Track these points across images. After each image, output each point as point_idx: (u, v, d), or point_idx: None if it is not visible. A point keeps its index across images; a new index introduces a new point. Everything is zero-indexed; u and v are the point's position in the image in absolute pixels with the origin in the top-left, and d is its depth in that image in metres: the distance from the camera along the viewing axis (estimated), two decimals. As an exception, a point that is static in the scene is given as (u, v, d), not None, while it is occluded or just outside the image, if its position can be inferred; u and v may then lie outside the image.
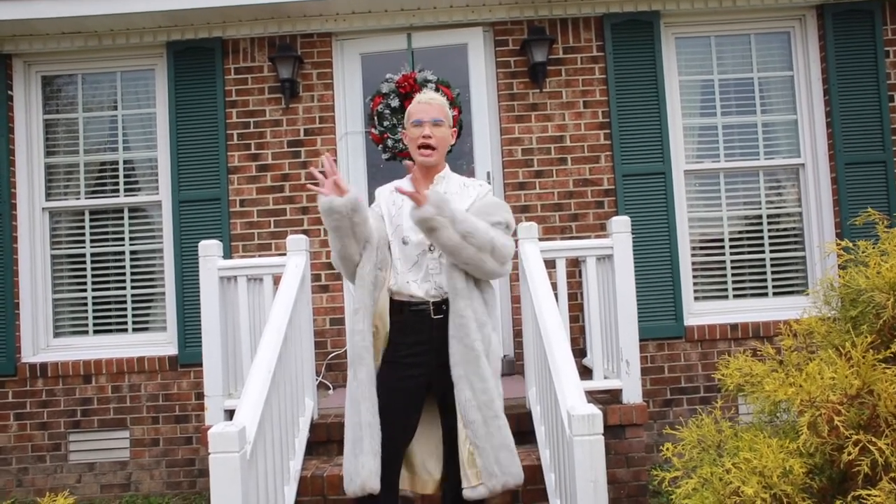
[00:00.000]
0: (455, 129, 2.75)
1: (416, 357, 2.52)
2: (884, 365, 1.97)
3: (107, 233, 4.99)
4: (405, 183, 2.51)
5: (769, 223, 4.91)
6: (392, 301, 2.60)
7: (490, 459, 2.41)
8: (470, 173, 4.83)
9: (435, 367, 2.53)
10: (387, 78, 4.82)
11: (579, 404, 2.36)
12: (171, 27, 4.84)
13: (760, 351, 2.68)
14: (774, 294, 4.86)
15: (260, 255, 4.75)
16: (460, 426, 2.46)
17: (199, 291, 3.76)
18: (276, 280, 3.66)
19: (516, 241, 3.57)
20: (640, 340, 3.77)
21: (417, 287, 2.54)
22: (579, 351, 4.49)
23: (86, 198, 4.99)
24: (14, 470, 4.73)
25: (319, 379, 4.59)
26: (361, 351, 2.47)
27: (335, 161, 4.82)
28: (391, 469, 2.49)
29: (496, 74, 4.86)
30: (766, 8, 4.86)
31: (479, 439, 2.42)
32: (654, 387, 4.65)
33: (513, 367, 4.66)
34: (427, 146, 2.57)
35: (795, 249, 4.90)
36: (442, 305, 2.54)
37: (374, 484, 2.37)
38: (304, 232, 4.75)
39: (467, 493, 2.44)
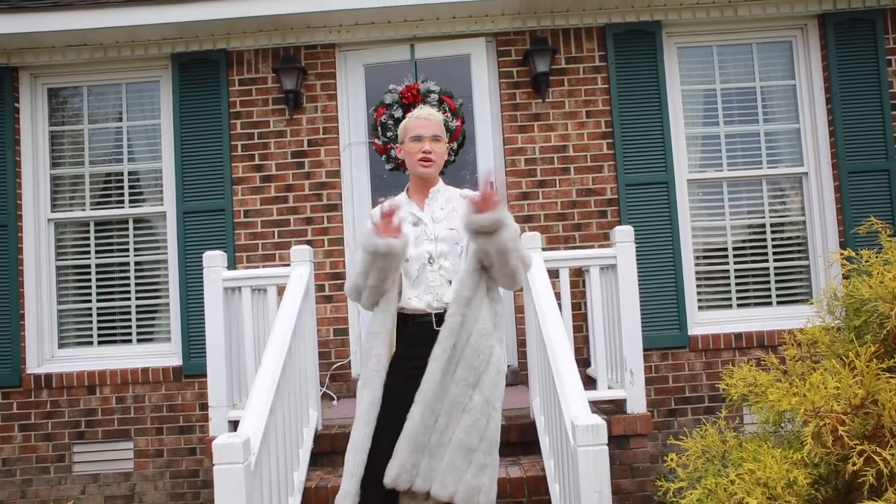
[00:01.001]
0: (451, 139, 2.76)
1: (418, 370, 2.51)
2: (888, 374, 1.97)
3: (111, 243, 5.01)
4: (481, 192, 2.36)
5: (772, 232, 4.91)
6: (399, 314, 2.59)
7: (445, 468, 2.39)
8: (473, 183, 4.84)
9: None
10: (390, 89, 4.85)
11: (583, 414, 2.36)
12: (175, 39, 4.87)
13: (764, 360, 2.68)
14: (778, 303, 4.85)
15: (264, 266, 4.76)
16: (409, 417, 2.44)
17: (203, 302, 3.76)
18: (281, 291, 3.67)
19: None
20: (644, 350, 3.76)
21: (419, 301, 2.53)
22: (583, 361, 4.48)
23: (91, 209, 5.02)
24: (18, 481, 4.73)
25: (323, 390, 4.59)
26: (373, 375, 2.47)
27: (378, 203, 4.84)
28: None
29: (499, 84, 4.88)
30: (768, 17, 4.88)
31: (417, 441, 2.41)
32: (659, 396, 4.63)
33: (517, 377, 4.66)
34: (427, 159, 2.58)
35: (799, 258, 4.90)
36: (444, 317, 2.54)
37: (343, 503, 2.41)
38: (308, 242, 4.76)
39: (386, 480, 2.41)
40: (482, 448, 2.42)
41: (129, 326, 4.96)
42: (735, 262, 4.89)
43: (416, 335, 2.53)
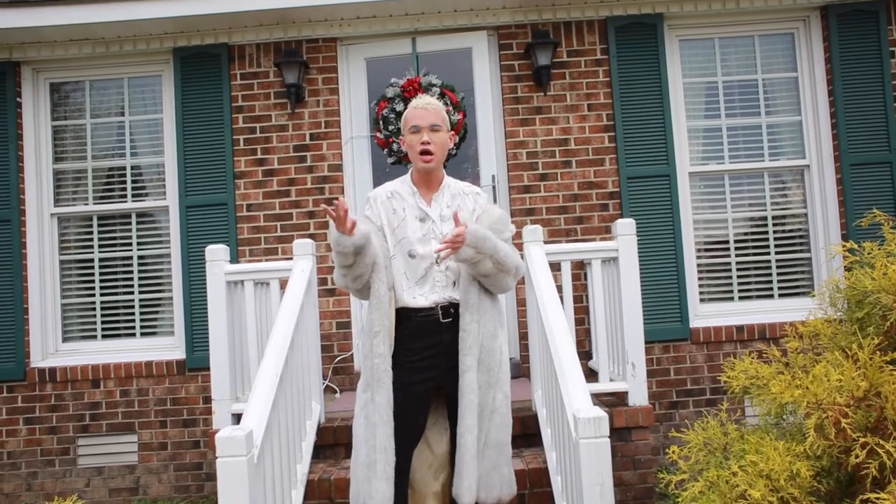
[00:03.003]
0: (454, 132, 2.73)
1: (428, 360, 2.52)
2: (891, 367, 1.97)
3: (115, 238, 5.02)
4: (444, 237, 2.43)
5: (774, 225, 4.91)
6: (399, 309, 2.58)
7: (488, 471, 2.47)
8: (475, 177, 4.85)
9: (446, 369, 2.54)
10: (392, 82, 4.84)
11: (585, 407, 2.36)
12: (177, 33, 4.87)
13: (766, 353, 2.68)
14: (780, 296, 4.86)
15: (267, 260, 4.77)
16: (464, 433, 2.48)
17: (206, 296, 3.77)
18: (283, 284, 3.68)
19: (521, 244, 3.60)
20: (646, 343, 3.78)
21: (424, 300, 2.53)
22: (585, 353, 4.50)
23: (94, 203, 5.02)
24: (23, 474, 4.76)
25: (326, 382, 4.60)
26: (382, 375, 2.46)
27: (343, 197, 4.85)
28: (402, 475, 2.50)
29: (500, 78, 4.88)
30: (770, 9, 4.86)
31: (477, 451, 2.46)
32: (660, 389, 4.64)
33: (518, 370, 4.67)
34: (427, 152, 2.53)
35: (801, 251, 4.90)
36: (450, 309, 2.55)
37: None
38: (311, 236, 4.77)
39: (466, 500, 2.47)
40: (508, 441, 2.55)
41: (133, 320, 4.98)
42: (737, 255, 4.89)
43: (421, 327, 2.53)
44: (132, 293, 4.99)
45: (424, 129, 2.53)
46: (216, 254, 3.57)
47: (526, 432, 3.57)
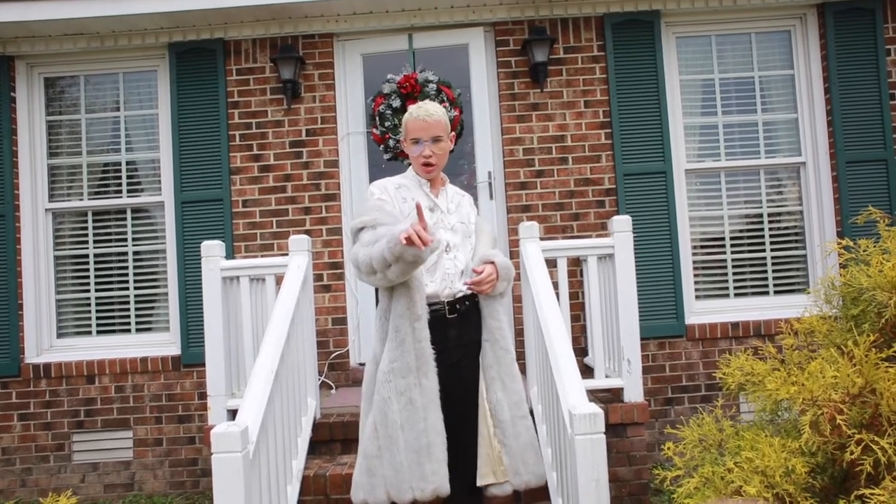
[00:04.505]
0: (454, 133, 2.75)
1: (436, 356, 2.52)
2: (886, 364, 1.98)
3: (110, 233, 5.00)
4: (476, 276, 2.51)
5: (770, 222, 4.91)
6: None
7: (517, 458, 2.49)
8: (471, 173, 4.85)
9: (448, 367, 2.53)
10: (388, 78, 4.83)
11: (581, 403, 2.37)
12: (172, 28, 4.85)
13: (761, 350, 2.69)
14: (775, 293, 4.87)
15: (262, 256, 4.76)
16: (489, 424, 2.52)
17: (201, 292, 3.75)
18: (279, 280, 3.67)
19: (517, 241, 3.60)
20: (642, 339, 3.77)
21: (436, 286, 2.53)
22: (580, 350, 4.50)
23: (89, 199, 5.00)
24: (18, 470, 4.75)
25: (322, 378, 4.60)
26: (429, 358, 2.44)
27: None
28: None
29: (497, 74, 4.87)
30: (767, 7, 4.86)
31: (507, 438, 2.49)
32: (656, 385, 4.65)
33: (515, 367, 4.67)
34: (428, 164, 2.58)
35: (796, 248, 4.91)
36: (456, 305, 2.55)
37: (447, 488, 2.38)
38: (307, 232, 4.76)
39: (494, 491, 2.49)
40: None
41: (128, 316, 4.97)
42: (732, 252, 4.90)
43: (430, 323, 2.52)
44: (127, 289, 4.97)
45: (427, 144, 2.56)
46: (212, 249, 3.56)
47: (522, 429, 3.56)
